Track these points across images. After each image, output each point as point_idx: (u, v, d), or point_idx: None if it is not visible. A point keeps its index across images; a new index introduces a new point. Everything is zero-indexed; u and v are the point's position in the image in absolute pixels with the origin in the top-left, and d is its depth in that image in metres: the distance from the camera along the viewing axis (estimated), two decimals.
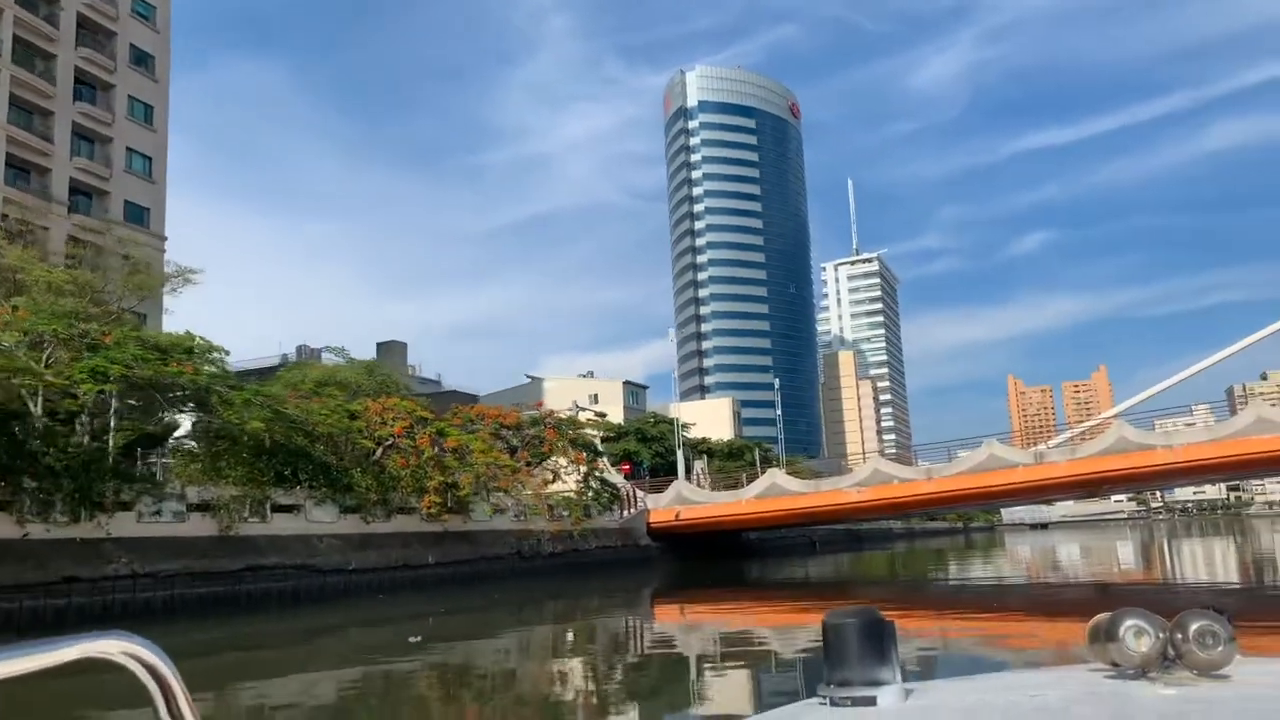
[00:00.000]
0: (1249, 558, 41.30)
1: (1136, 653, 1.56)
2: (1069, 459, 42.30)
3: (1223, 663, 1.55)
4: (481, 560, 35.63)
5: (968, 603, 25.60)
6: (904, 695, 1.57)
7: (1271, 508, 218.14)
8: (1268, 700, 1.43)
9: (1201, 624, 1.55)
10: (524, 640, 19.06)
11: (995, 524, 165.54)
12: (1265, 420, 38.46)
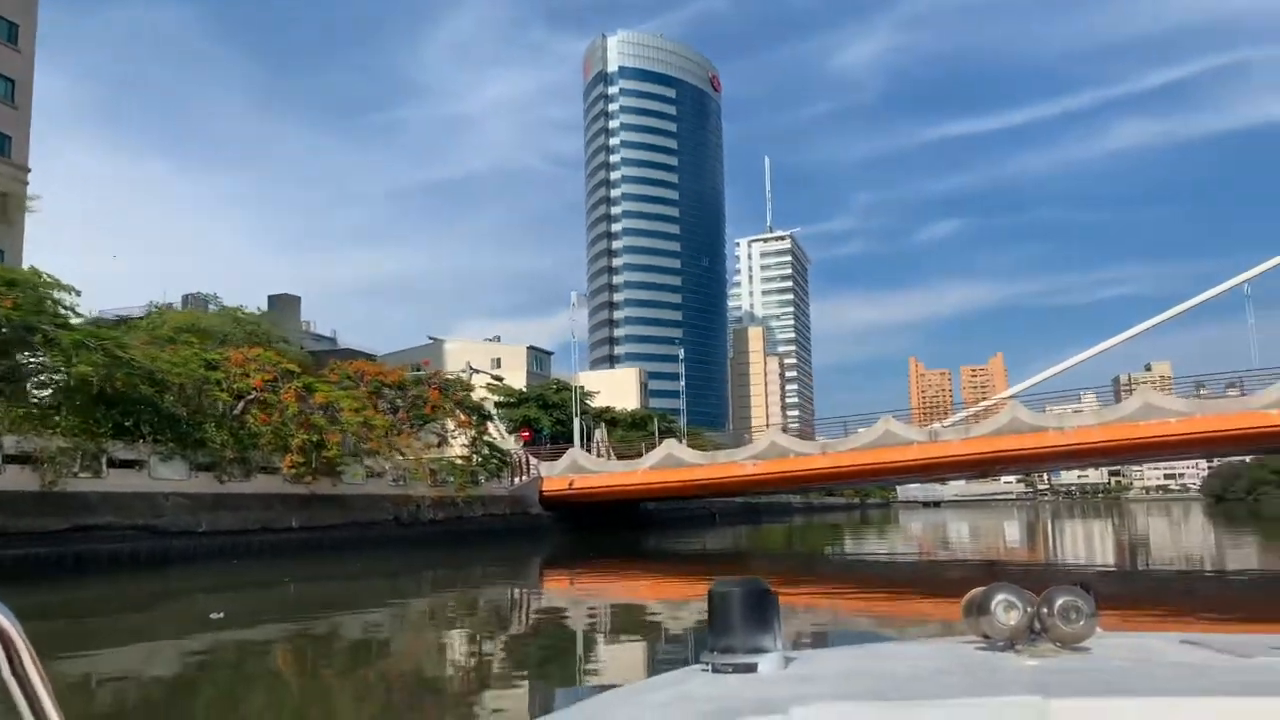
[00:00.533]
0: (1125, 540, 42.31)
1: (1005, 625, 1.62)
2: (963, 438, 42.07)
3: (1084, 635, 1.63)
4: (354, 526, 33.37)
5: (860, 577, 25.43)
6: (784, 663, 1.61)
7: (1148, 492, 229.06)
8: (1119, 671, 1.50)
9: (1066, 599, 1.62)
10: (398, 612, 17.71)
11: (891, 501, 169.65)
12: (1151, 406, 38.75)
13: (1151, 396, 39.02)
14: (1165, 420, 38.30)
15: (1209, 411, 38.01)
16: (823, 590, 20.47)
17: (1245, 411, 37.43)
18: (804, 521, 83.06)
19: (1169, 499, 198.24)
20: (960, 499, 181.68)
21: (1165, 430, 38.23)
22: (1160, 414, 38.44)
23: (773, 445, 45.71)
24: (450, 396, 40.04)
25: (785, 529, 64.74)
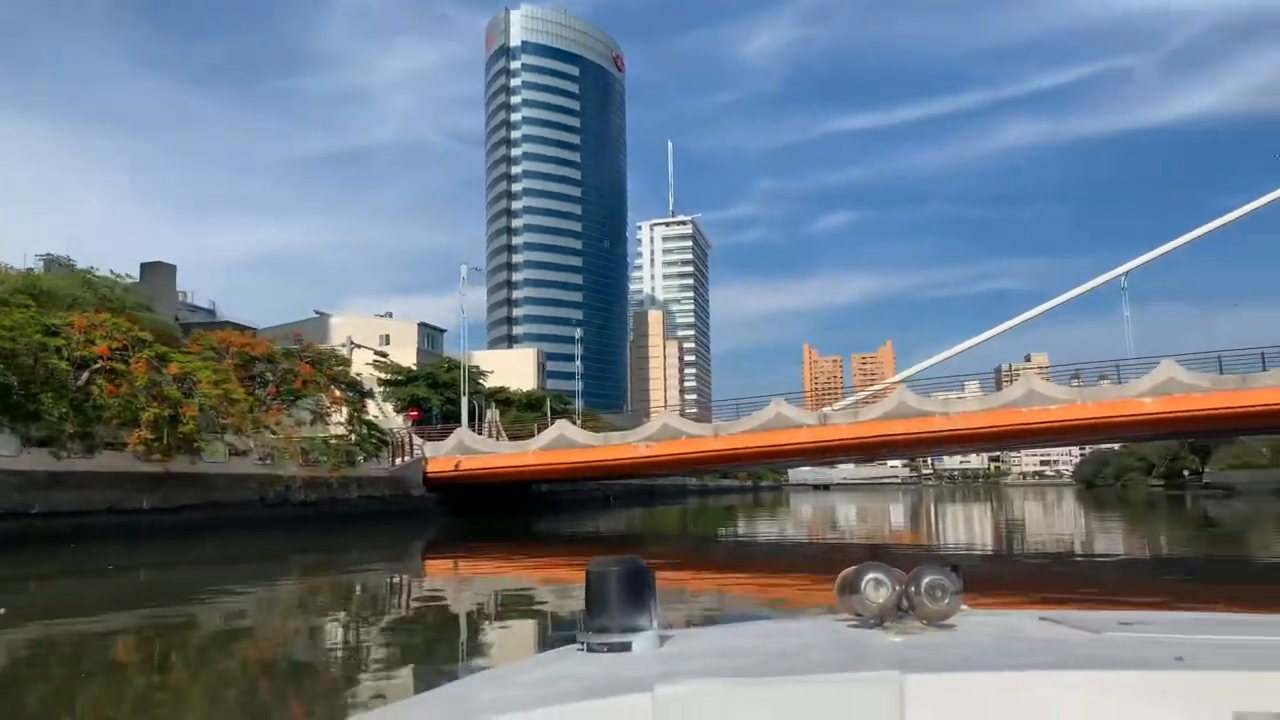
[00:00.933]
0: (1001, 523, 43.23)
1: (874, 603, 1.66)
2: (852, 421, 42.01)
3: (949, 613, 1.67)
4: (215, 507, 31.01)
5: (751, 559, 25.27)
6: (659, 641, 1.62)
7: (1025, 478, 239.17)
8: (978, 646, 1.56)
9: (932, 578, 1.66)
10: (264, 598, 16.41)
11: (783, 484, 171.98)
12: (1034, 392, 39.32)
13: (1035, 383, 39.62)
14: (1047, 407, 38.92)
15: (1088, 399, 38.78)
16: (714, 573, 20.15)
17: (1122, 399, 38.31)
18: (699, 504, 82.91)
19: (1044, 484, 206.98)
20: (849, 482, 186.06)
21: (1046, 417, 38.85)
22: (1042, 400, 39.05)
23: (665, 427, 44.89)
24: (324, 372, 37.72)
25: (680, 511, 64.41)
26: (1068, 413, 38.75)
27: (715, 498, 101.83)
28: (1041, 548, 27.71)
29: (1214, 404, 37.00)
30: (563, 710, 1.31)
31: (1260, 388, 36.83)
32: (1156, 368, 38.25)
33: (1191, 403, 37.21)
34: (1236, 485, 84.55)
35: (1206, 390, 37.25)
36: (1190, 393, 37.32)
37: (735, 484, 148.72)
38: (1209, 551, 26.25)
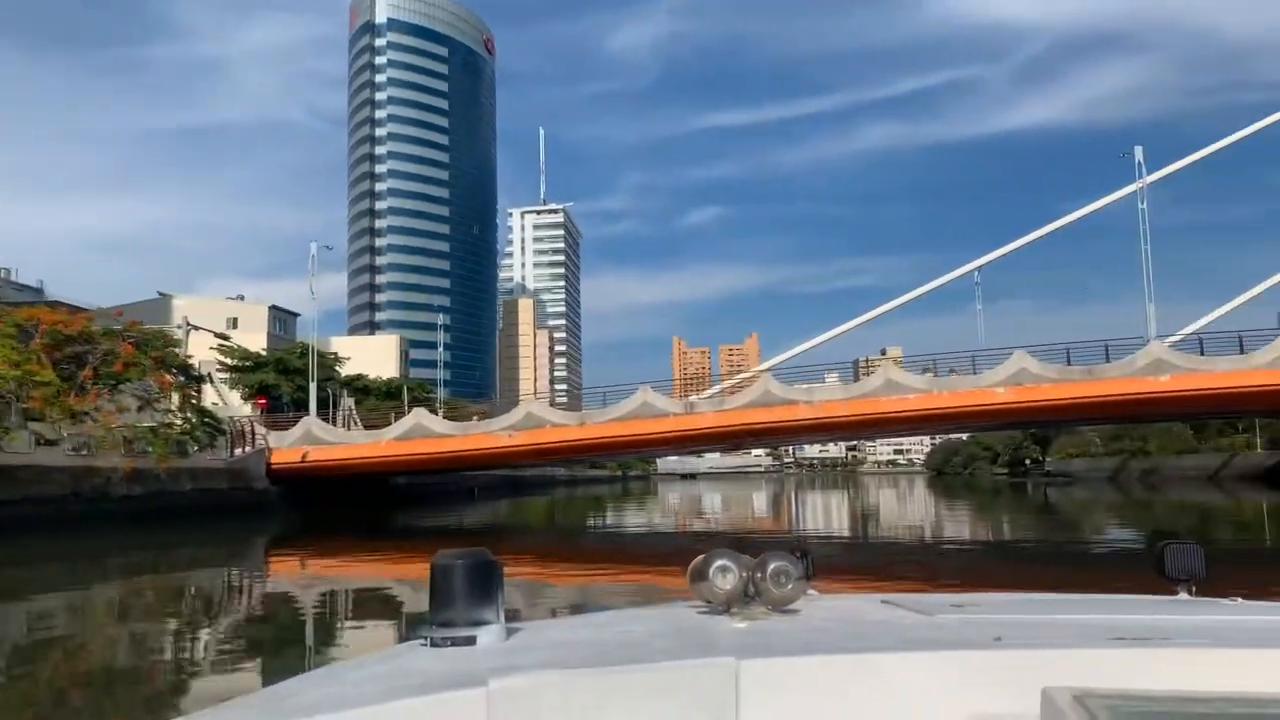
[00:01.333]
0: (857, 510, 44.04)
1: (722, 590, 1.67)
2: (718, 410, 41.52)
3: (794, 598, 1.70)
4: (19, 504, 27.66)
5: (616, 550, 24.79)
6: (504, 635, 1.60)
7: (879, 466, 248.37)
8: (816, 630, 1.59)
9: (778, 564, 1.68)
10: (76, 602, 14.78)
11: (651, 474, 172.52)
12: (893, 382, 39.76)
13: (894, 373, 40.05)
14: (905, 396, 39.40)
15: (944, 389, 39.45)
16: (579, 565, 19.72)
17: (976, 389, 39.12)
18: (567, 495, 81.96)
19: (897, 472, 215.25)
20: (715, 471, 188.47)
21: (905, 406, 39.33)
22: (900, 390, 39.50)
23: (529, 416, 43.34)
24: (148, 354, 34.36)
25: (548, 502, 63.30)
26: (925, 402, 39.31)
27: (584, 488, 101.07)
28: (894, 533, 28.25)
29: (1062, 394, 38.20)
30: (392, 707, 1.25)
31: (1105, 379, 38.24)
32: (1009, 358, 39.22)
33: (1041, 393, 38.30)
34: (1075, 473, 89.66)
35: (1055, 380, 38.43)
36: (1040, 383, 38.43)
37: (604, 474, 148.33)
38: (1047, 536, 27.01)
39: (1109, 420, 49.40)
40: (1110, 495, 55.60)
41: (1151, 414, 43.75)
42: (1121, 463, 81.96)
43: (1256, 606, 1.88)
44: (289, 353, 66.16)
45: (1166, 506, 42.06)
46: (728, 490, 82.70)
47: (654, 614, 1.93)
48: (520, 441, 42.68)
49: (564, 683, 1.30)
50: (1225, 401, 38.72)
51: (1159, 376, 37.42)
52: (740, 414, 40.77)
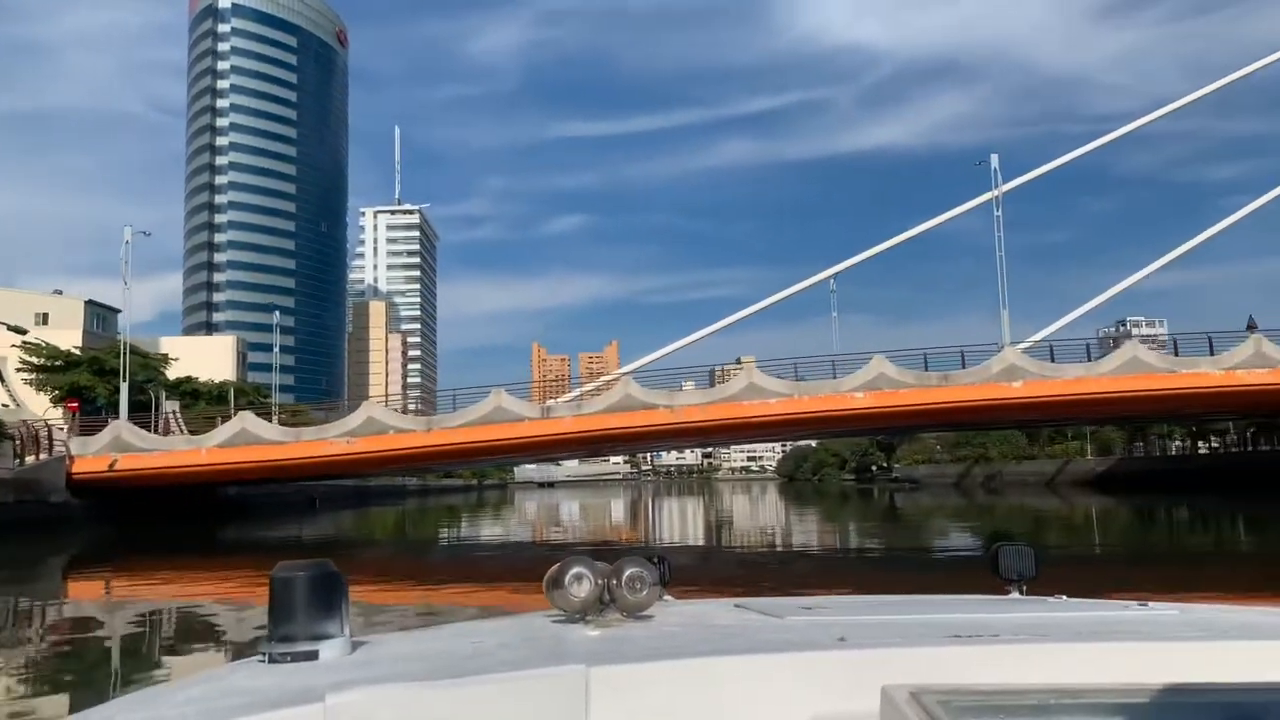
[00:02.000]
0: (712, 517, 43.86)
1: (577, 598, 1.64)
2: (576, 414, 39.40)
3: (648, 604, 1.69)
4: None
5: (469, 564, 23.29)
6: (349, 649, 1.52)
7: (734, 473, 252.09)
8: (669, 635, 1.58)
9: (633, 571, 1.67)
10: None
11: (508, 482, 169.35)
12: (755, 386, 38.70)
13: (756, 377, 38.96)
14: (766, 401, 38.37)
15: (805, 394, 38.66)
16: (428, 581, 18.23)
17: (836, 394, 38.49)
18: (419, 505, 77.95)
19: (750, 479, 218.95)
20: (573, 479, 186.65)
21: (766, 410, 38.29)
22: (762, 395, 38.45)
23: (370, 421, 39.97)
24: None
25: (397, 513, 60.19)
26: (786, 407, 38.39)
27: (437, 498, 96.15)
28: (748, 540, 28.27)
29: (919, 399, 38.00)
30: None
31: (960, 384, 38.26)
32: (868, 364, 38.78)
33: (899, 398, 37.99)
34: (921, 478, 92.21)
35: (912, 386, 38.20)
36: (898, 388, 38.12)
37: (459, 483, 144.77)
38: (893, 540, 27.44)
39: (964, 426, 50.11)
40: (954, 500, 56.26)
41: (1004, 419, 44.48)
42: (965, 469, 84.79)
43: (1079, 603, 1.98)
44: (107, 352, 59.80)
45: (1006, 511, 42.94)
46: (586, 498, 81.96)
47: (506, 624, 1.87)
48: (360, 449, 39.28)
49: (405, 696, 1.24)
50: (1074, 407, 39.53)
51: (1012, 382, 37.74)
52: (600, 419, 38.78)
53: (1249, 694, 1.08)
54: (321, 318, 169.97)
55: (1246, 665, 1.30)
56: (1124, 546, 24.09)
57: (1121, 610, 1.84)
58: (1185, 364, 37.85)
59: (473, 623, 2.07)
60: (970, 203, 45.63)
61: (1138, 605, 1.89)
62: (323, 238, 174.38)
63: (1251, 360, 37.34)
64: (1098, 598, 2.08)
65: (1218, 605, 2.02)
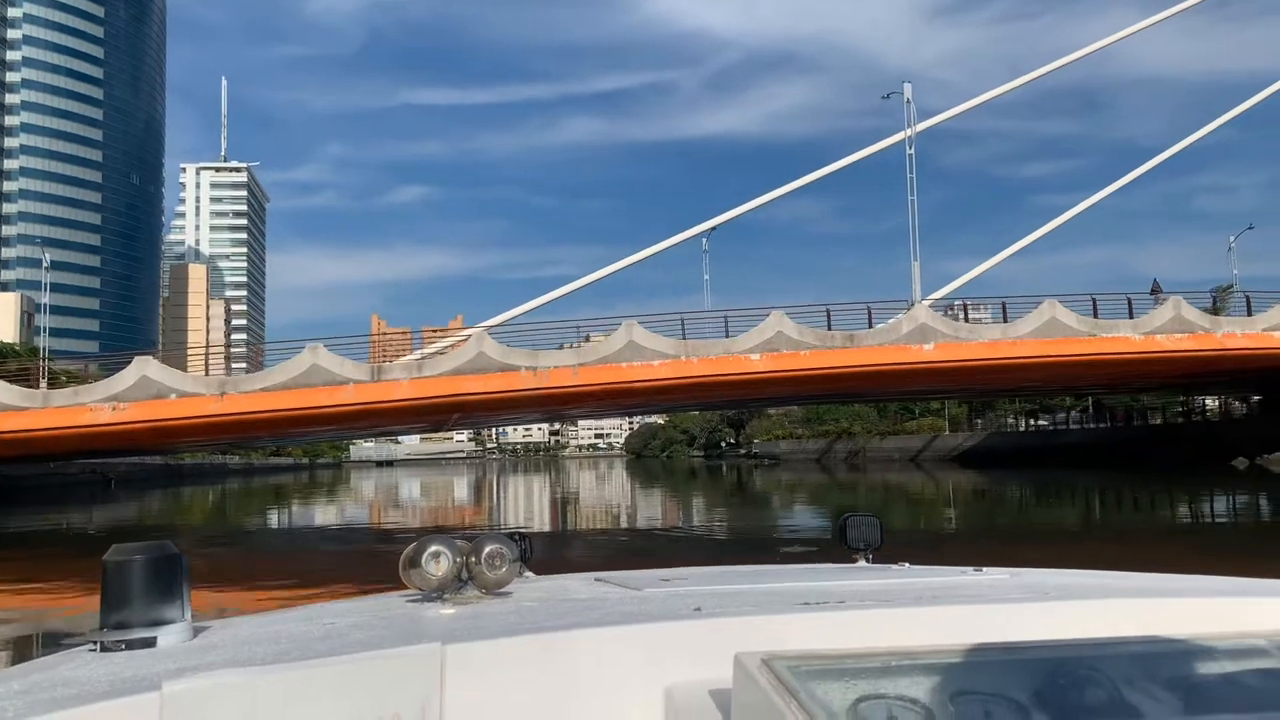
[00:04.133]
0: (559, 494, 42.23)
1: (435, 576, 1.60)
2: (415, 377, 31.46)
3: (507, 581, 1.66)
4: None
5: (295, 554, 20.36)
6: (190, 634, 1.44)
7: (581, 450, 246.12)
8: (527, 611, 1.56)
9: (492, 548, 1.63)
10: None
11: (343, 460, 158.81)
12: (637, 345, 31.96)
13: (637, 334, 32.09)
14: (649, 363, 31.67)
15: (695, 355, 32.18)
16: (247, 579, 14.90)
17: (729, 356, 32.20)
18: (242, 485, 69.63)
19: (598, 456, 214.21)
20: (413, 458, 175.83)
21: (649, 374, 31.63)
22: (645, 355, 31.73)
23: (145, 381, 30.55)
24: None
25: (216, 495, 53.93)
26: (672, 369, 31.81)
27: (264, 477, 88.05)
28: (597, 520, 26.74)
29: (822, 363, 32.19)
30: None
31: (867, 346, 32.73)
32: (765, 320, 32.68)
33: (800, 361, 32.08)
34: (781, 455, 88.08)
35: (814, 347, 32.36)
36: (799, 349, 32.19)
37: (288, 461, 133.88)
38: (747, 517, 26.27)
39: (865, 395, 44.69)
40: (816, 477, 54.64)
41: (913, 387, 39.48)
42: (828, 444, 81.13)
43: (920, 570, 2.01)
44: None
45: (865, 486, 41.23)
46: (428, 477, 77.19)
47: (360, 605, 1.79)
48: (130, 417, 29.91)
49: (248, 682, 1.16)
50: (988, 374, 34.74)
51: (924, 344, 32.51)
52: (447, 382, 31.02)
53: (1070, 649, 1.13)
54: (133, 279, 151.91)
55: (1069, 623, 1.34)
56: (975, 522, 23.81)
57: (959, 575, 1.89)
58: (1105, 327, 33.64)
59: (324, 604, 1.92)
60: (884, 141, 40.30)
61: (973, 571, 1.93)
62: (136, 193, 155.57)
63: (1171, 325, 33.55)
64: (933, 565, 2.11)
65: (1045, 570, 2.06)
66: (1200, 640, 1.15)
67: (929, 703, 1.01)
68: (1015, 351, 32.58)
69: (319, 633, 1.51)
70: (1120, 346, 33.15)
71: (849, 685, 1.03)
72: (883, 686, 1.04)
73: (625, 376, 31.54)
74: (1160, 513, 24.90)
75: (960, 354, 32.59)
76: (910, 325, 32.79)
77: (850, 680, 1.04)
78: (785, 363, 31.97)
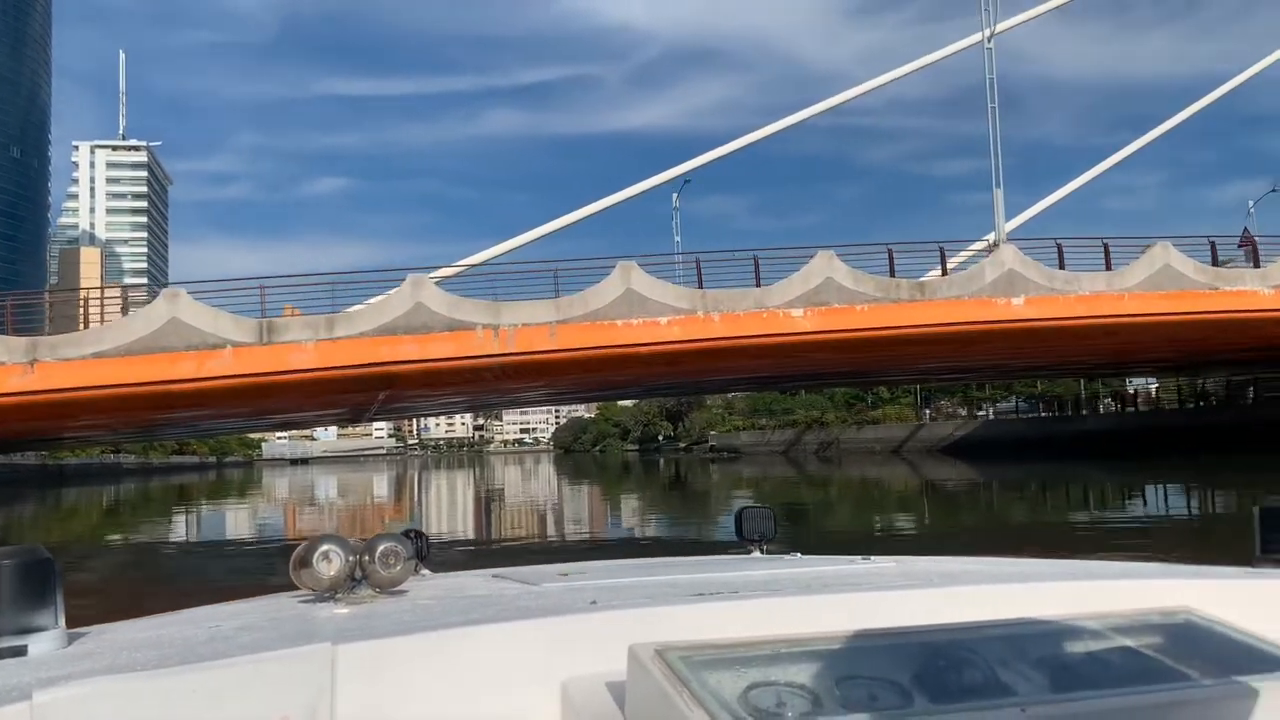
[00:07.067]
0: (482, 492, 40.26)
1: (326, 576, 1.54)
2: (324, 339, 21.51)
3: (401, 579, 1.61)
4: None
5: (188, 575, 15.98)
6: (65, 641, 1.37)
7: (506, 446, 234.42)
8: (422, 609, 1.51)
9: (386, 546, 1.58)
10: None
11: (254, 459, 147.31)
12: (637, 295, 22.58)
13: (637, 280, 22.65)
14: (655, 320, 22.52)
15: (715, 310, 22.92)
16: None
17: (762, 311, 23.11)
18: (139, 486, 61.36)
19: (524, 451, 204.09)
20: (330, 455, 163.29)
21: (655, 336, 22.66)
22: (647, 310, 22.43)
23: None
24: None
25: (106, 499, 47.65)
26: (688, 329, 22.64)
27: (164, 478, 79.25)
28: (521, 522, 24.43)
29: (886, 320, 23.40)
30: None
31: (942, 299, 24.04)
32: (810, 263, 23.71)
33: (856, 318, 23.30)
34: (742, 448, 79.22)
35: (876, 300, 23.53)
36: (855, 303, 23.34)
37: (193, 460, 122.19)
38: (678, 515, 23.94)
39: (934, 367, 34.98)
40: (781, 471, 49.13)
41: (993, 358, 30.54)
42: (796, 435, 72.61)
43: (809, 560, 2.02)
44: None
45: (838, 483, 36.87)
46: (345, 475, 71.57)
47: (248, 607, 1.72)
48: None
49: (127, 689, 1.10)
50: (1083, 339, 26.24)
51: (1012, 299, 24.03)
52: (371, 345, 21.28)
53: (948, 633, 1.16)
54: (14, 262, 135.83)
55: (947, 608, 1.35)
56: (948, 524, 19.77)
57: (847, 564, 1.89)
58: (1227, 278, 25.72)
59: (211, 607, 1.81)
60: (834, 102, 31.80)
61: (861, 559, 1.93)
62: (18, 168, 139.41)
63: None
64: (823, 555, 2.11)
65: (930, 558, 2.06)
66: (1066, 621, 1.21)
67: (816, 688, 1.04)
68: (1121, 309, 24.33)
69: (203, 636, 1.41)
70: (1249, 303, 25.23)
71: (739, 673, 1.05)
72: (772, 674, 1.06)
73: (623, 339, 22.17)
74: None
75: (1058, 310, 24.17)
76: (995, 272, 24.21)
77: (741, 669, 1.06)
78: (838, 319, 23.03)
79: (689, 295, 23.20)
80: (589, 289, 23.01)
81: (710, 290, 23.60)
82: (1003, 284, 24.14)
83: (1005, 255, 24.64)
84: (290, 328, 21.63)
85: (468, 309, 22.25)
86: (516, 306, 22.72)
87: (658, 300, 22.67)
